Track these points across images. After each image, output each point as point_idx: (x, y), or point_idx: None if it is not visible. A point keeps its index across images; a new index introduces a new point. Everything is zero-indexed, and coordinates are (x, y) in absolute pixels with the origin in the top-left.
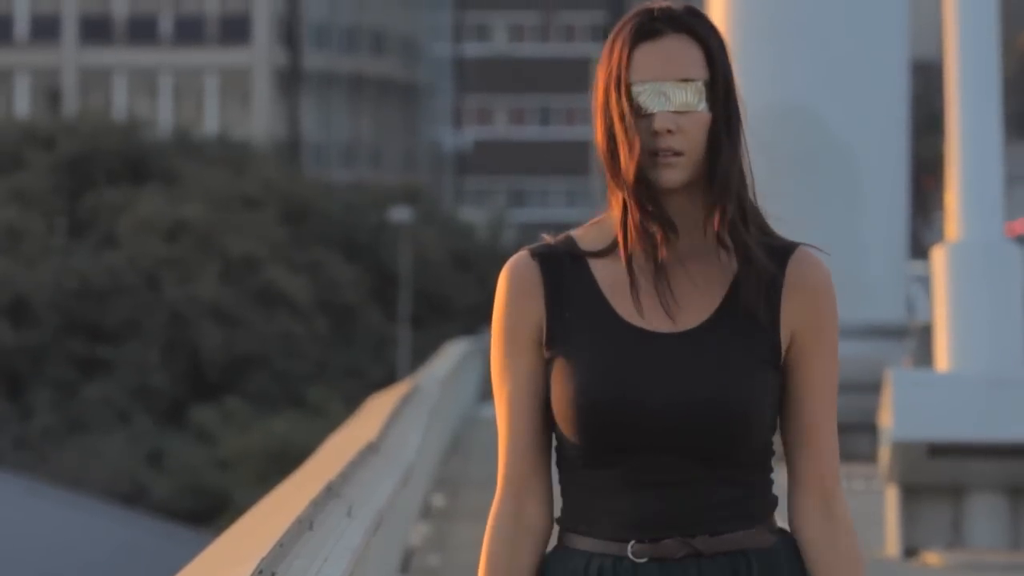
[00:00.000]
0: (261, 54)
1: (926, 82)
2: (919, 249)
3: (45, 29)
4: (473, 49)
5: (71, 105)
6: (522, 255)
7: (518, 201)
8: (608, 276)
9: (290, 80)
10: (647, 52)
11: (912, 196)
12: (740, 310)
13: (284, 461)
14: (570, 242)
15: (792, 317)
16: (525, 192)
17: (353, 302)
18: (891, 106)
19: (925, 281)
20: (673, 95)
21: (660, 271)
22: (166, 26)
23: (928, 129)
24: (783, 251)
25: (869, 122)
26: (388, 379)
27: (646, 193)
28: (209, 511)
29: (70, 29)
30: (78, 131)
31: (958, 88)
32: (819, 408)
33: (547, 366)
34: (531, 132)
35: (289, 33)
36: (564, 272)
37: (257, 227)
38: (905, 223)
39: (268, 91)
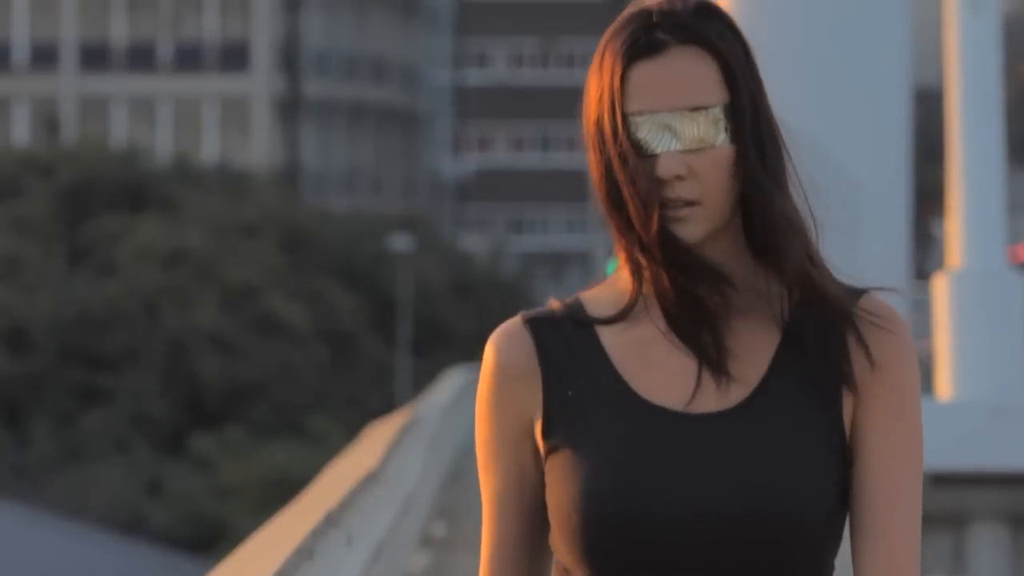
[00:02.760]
0: (261, 81)
1: (926, 111)
2: (919, 276)
3: (44, 56)
4: (473, 76)
5: (70, 133)
6: (513, 321)
7: (518, 229)
8: (621, 346)
9: (289, 107)
10: (646, 73)
11: (912, 224)
12: (792, 380)
13: (284, 490)
14: (577, 306)
15: (865, 386)
16: (525, 220)
17: (353, 330)
18: (893, 132)
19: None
20: (682, 129)
21: (701, 333)
22: (165, 53)
23: (928, 157)
24: (847, 301)
25: (871, 149)
26: (388, 407)
27: (675, 248)
28: (208, 540)
29: (69, 56)
30: (77, 159)
31: (960, 115)
32: (898, 505)
33: (545, 459)
34: (531, 159)
35: (289, 60)
36: (565, 341)
37: (256, 255)
38: (908, 251)
39: (268, 118)
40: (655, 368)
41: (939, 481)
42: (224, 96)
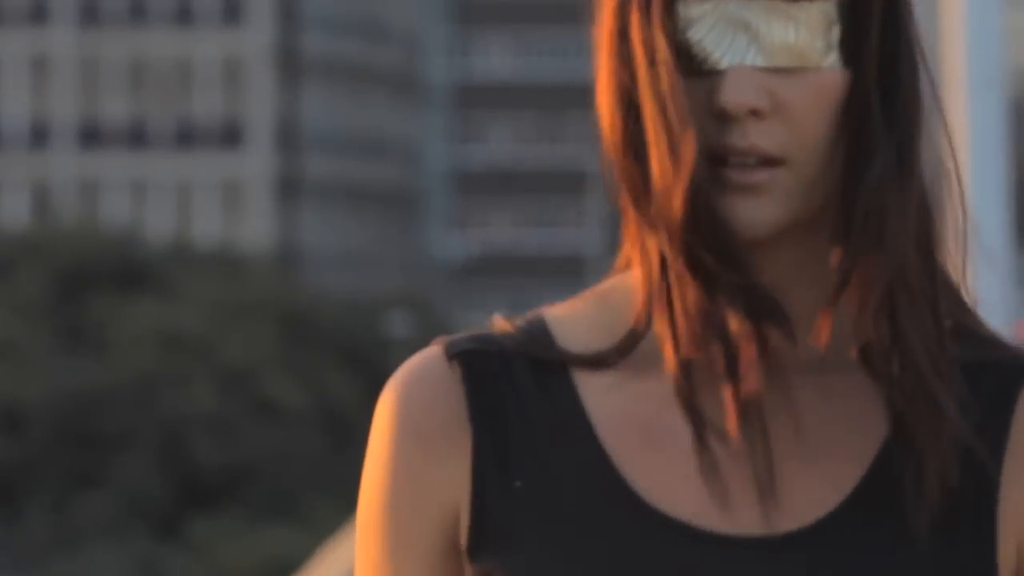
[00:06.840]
0: (258, 160)
1: None
2: None
3: (38, 134)
4: (472, 154)
5: (64, 212)
6: (430, 355)
7: (517, 309)
8: (615, 407)
9: (287, 186)
10: None
11: None
12: (909, 491)
13: (281, 573)
14: (539, 332)
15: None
16: (525, 299)
17: (351, 412)
18: None
19: None
20: (766, 30)
21: (744, 411)
22: (161, 132)
23: None
24: (1007, 376)
25: None
26: None
27: (714, 242)
28: None
29: (63, 135)
30: (72, 239)
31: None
32: None
33: None
34: (531, 239)
35: (286, 139)
36: (517, 394)
37: (253, 337)
38: None
39: (265, 197)
40: (670, 452)
41: None
42: (221, 174)
